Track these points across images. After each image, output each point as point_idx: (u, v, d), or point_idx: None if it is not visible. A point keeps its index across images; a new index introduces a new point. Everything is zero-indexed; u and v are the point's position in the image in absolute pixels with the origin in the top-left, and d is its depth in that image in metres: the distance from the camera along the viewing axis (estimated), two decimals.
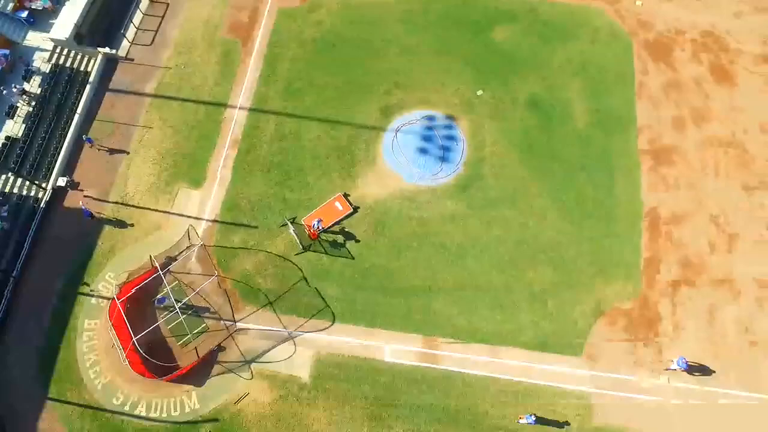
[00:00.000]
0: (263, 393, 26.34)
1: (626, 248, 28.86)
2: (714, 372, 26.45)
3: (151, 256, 27.51)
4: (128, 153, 31.68)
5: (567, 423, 25.58)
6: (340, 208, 29.51)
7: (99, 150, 31.70)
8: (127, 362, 25.80)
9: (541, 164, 30.75)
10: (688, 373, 26.15)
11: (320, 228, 28.59)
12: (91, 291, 28.28)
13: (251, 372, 26.72)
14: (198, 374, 26.52)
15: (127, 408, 26.05)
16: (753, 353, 26.85)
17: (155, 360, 25.99)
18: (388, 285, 28.13)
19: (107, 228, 29.88)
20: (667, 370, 26.40)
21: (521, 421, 25.23)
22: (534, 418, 24.88)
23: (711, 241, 28.98)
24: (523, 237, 29.16)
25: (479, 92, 32.87)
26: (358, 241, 29.03)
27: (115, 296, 26.65)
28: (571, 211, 29.67)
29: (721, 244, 28.92)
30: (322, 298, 27.83)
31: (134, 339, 24.83)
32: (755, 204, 29.74)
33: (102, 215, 30.04)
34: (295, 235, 28.59)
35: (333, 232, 29.26)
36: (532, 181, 30.35)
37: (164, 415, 25.96)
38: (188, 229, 28.26)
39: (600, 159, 30.85)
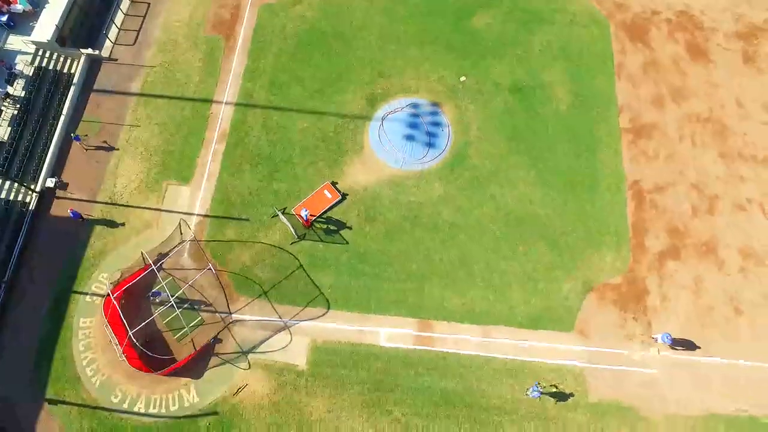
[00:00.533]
0: (261, 383, 26.54)
1: (612, 219, 29.52)
2: (700, 344, 27.04)
3: (143, 253, 27.57)
4: (116, 151, 31.73)
5: (566, 395, 25.99)
6: (329, 196, 29.80)
7: (87, 150, 31.71)
8: (124, 357, 25.85)
9: (526, 145, 31.27)
10: (673, 347, 26.74)
11: (309, 217, 28.83)
12: (84, 290, 28.29)
13: (248, 363, 26.91)
14: (196, 367, 26.67)
15: (125, 405, 26.10)
16: (740, 322, 27.49)
17: (152, 353, 26.06)
18: (382, 269, 28.46)
19: (98, 228, 29.91)
20: (655, 342, 26.98)
21: (527, 392, 25.69)
22: (539, 391, 25.29)
23: (693, 205, 29.80)
24: (512, 214, 29.68)
25: (462, 78, 33.31)
26: (350, 227, 29.35)
27: (109, 292, 26.67)
28: (557, 188, 30.22)
29: (703, 207, 29.77)
30: (316, 286, 28.08)
31: (130, 333, 24.91)
32: (734, 175, 30.47)
33: (91, 216, 30.05)
34: (288, 225, 28.79)
35: (326, 220, 29.53)
36: (518, 162, 30.86)
37: (163, 410, 26.04)
38: (180, 222, 28.37)
39: (583, 138, 31.43)
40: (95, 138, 32.03)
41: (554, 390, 26.05)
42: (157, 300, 27.49)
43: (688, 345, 27.04)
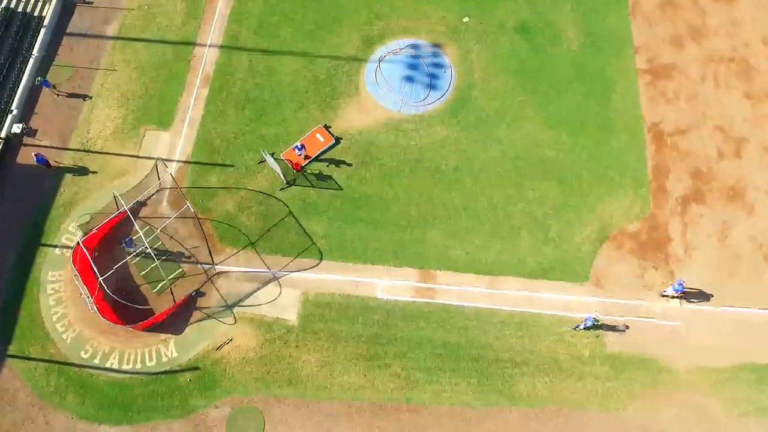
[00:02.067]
0: (247, 338, 24.16)
1: (630, 162, 27.19)
2: (725, 293, 24.72)
3: (115, 195, 25.01)
4: (90, 97, 29.19)
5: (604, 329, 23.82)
6: (321, 139, 27.37)
7: (58, 95, 29.19)
8: (96, 309, 23.35)
9: (535, 85, 28.91)
10: (687, 300, 24.47)
11: (303, 155, 26.43)
12: (53, 243, 25.86)
13: (234, 317, 24.52)
14: (176, 322, 24.26)
15: (96, 361, 23.68)
16: None
17: (126, 303, 23.65)
18: (380, 216, 26.06)
19: (68, 176, 27.38)
20: (663, 295, 24.59)
21: (579, 326, 23.61)
22: (594, 320, 23.13)
23: (719, 147, 27.44)
24: (520, 157, 27.30)
25: (465, 19, 30.86)
26: (347, 167, 26.95)
27: (79, 241, 24.20)
28: (569, 130, 27.86)
29: (729, 150, 27.40)
30: (307, 235, 25.68)
31: (100, 279, 22.45)
32: (762, 116, 28.13)
33: (61, 164, 27.55)
34: (277, 169, 26.31)
35: (318, 164, 27.10)
36: (526, 101, 28.49)
37: (138, 366, 23.65)
38: (156, 163, 25.91)
39: (596, 78, 29.07)
40: (67, 83, 29.49)
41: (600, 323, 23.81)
42: (132, 249, 25.03)
43: (711, 295, 24.72)
